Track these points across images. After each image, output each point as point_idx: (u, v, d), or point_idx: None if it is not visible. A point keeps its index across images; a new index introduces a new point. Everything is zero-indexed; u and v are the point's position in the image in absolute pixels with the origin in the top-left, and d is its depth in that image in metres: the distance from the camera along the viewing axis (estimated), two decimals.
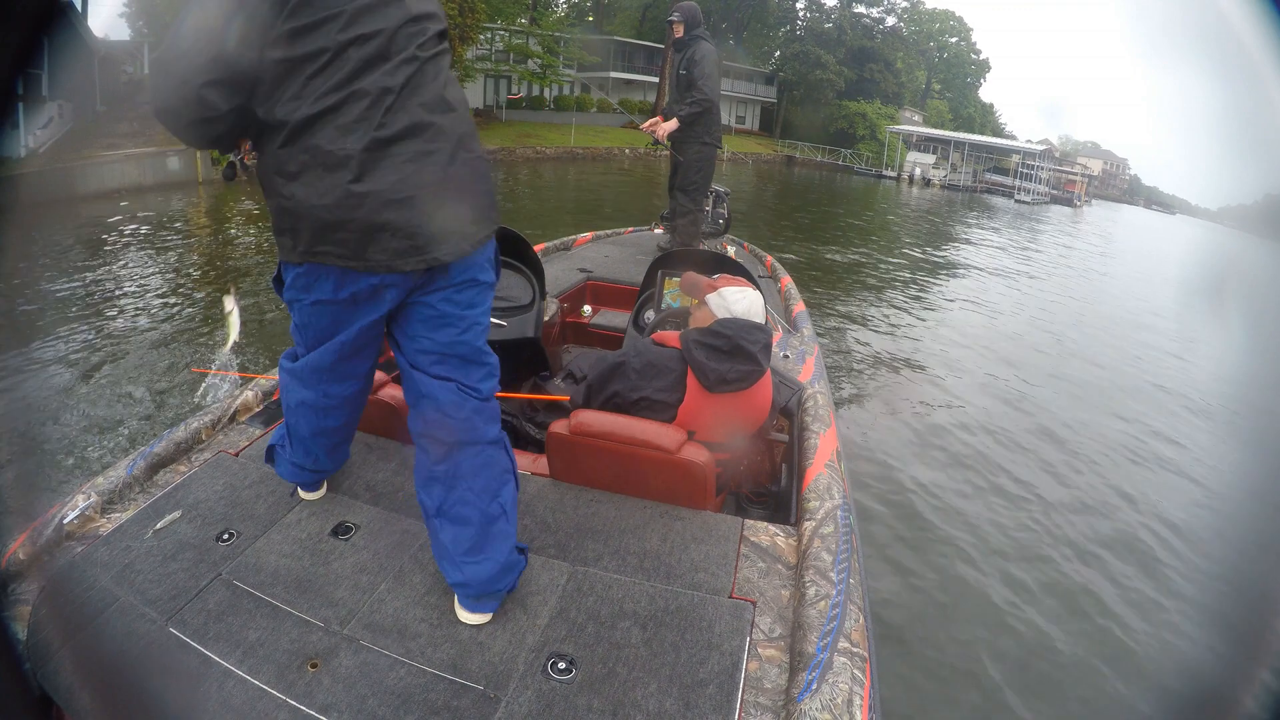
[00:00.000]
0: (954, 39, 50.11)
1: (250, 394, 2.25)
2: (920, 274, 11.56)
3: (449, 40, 1.48)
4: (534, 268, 3.00)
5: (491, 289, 1.50)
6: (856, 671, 1.26)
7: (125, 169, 12.62)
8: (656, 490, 1.81)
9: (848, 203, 24.37)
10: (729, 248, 4.95)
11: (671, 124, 4.45)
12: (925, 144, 41.43)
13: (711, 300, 2.01)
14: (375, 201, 1.28)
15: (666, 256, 3.19)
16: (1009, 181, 40.61)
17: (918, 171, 39.14)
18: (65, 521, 1.62)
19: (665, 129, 4.46)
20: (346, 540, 1.64)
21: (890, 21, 46.00)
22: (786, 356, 2.76)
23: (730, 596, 1.51)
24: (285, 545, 1.61)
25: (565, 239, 4.91)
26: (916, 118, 45.83)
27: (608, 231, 5.51)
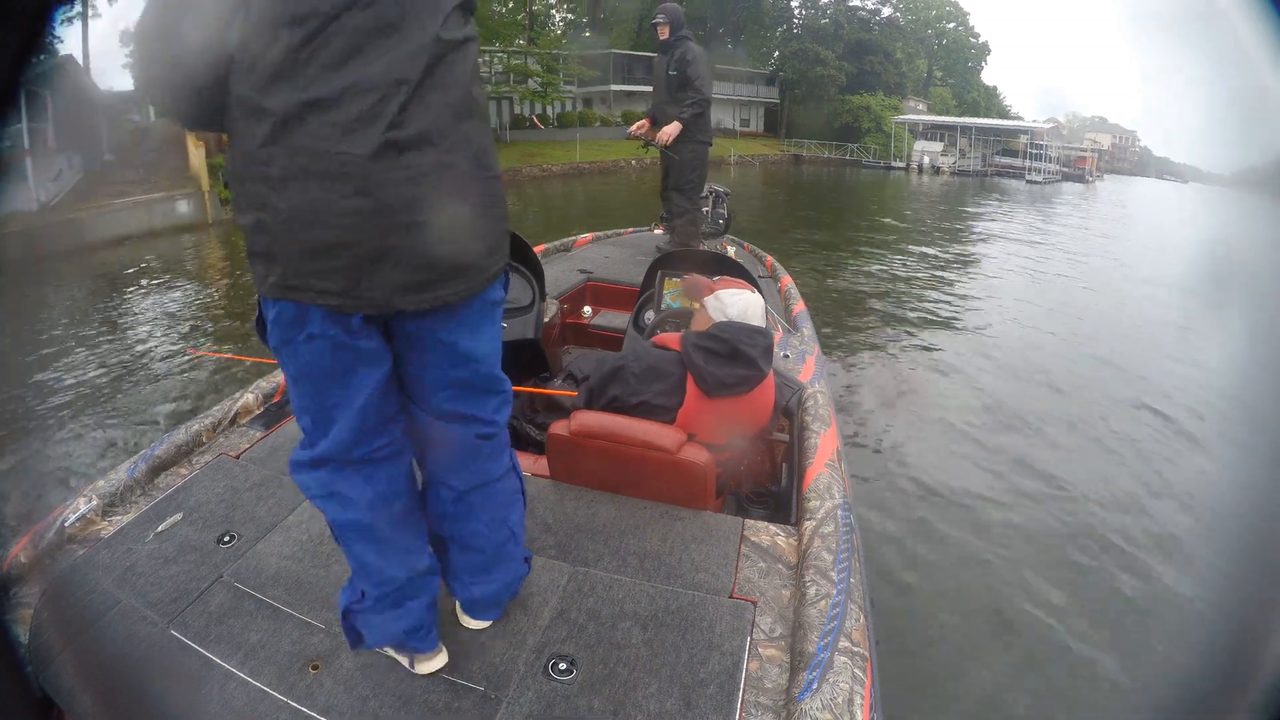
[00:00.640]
0: (951, 24, 49.76)
1: (250, 396, 2.28)
2: (932, 269, 11.43)
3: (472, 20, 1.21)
4: (534, 269, 3.01)
5: (501, 305, 1.31)
6: (857, 671, 1.25)
7: (135, 215, 12.74)
8: (657, 491, 1.82)
9: (859, 199, 24.13)
10: (729, 248, 4.93)
11: (674, 127, 4.39)
12: (932, 132, 41.13)
13: (709, 303, 2.00)
14: (381, 223, 1.05)
15: (666, 257, 3.17)
16: (1019, 163, 39.94)
17: (926, 160, 38.78)
18: (67, 525, 1.64)
19: (669, 133, 4.39)
20: None
21: (886, 12, 45.70)
22: (786, 356, 2.76)
23: (731, 596, 1.51)
24: (286, 547, 1.62)
25: (565, 240, 4.91)
26: (921, 106, 45.48)
27: (607, 232, 5.51)
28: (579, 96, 34.17)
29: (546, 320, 3.07)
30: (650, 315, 2.99)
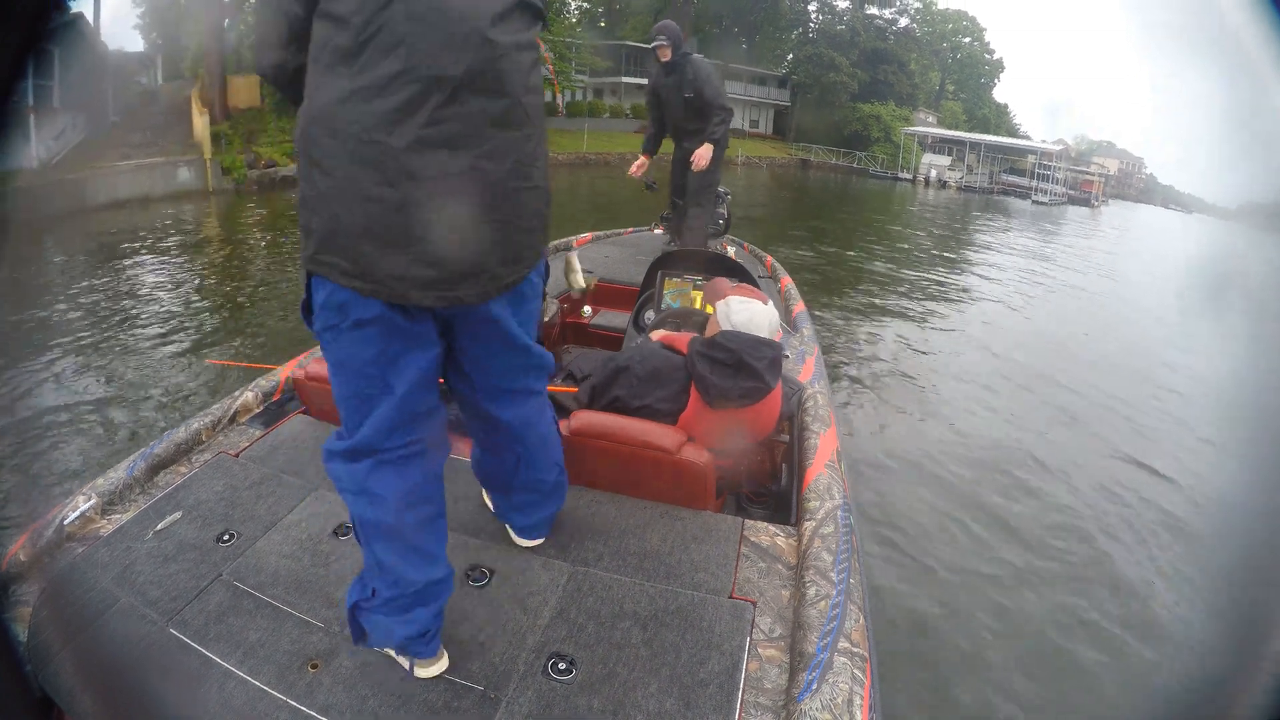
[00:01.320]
0: (967, 39, 49.68)
1: (250, 395, 2.27)
2: (937, 278, 11.46)
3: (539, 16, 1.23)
4: None
5: (540, 288, 1.41)
6: (857, 671, 1.25)
7: (136, 179, 12.66)
8: (657, 491, 1.82)
9: (866, 209, 24.05)
10: (729, 248, 4.91)
11: (707, 150, 4.19)
12: (940, 145, 41.04)
13: (719, 308, 1.99)
14: (402, 216, 1.09)
15: (666, 256, 3.16)
16: (1026, 182, 39.95)
17: (933, 173, 38.73)
18: (66, 523, 1.64)
19: (704, 156, 4.19)
20: (347, 540, 1.64)
21: (903, 22, 45.62)
22: (786, 356, 2.77)
23: (730, 597, 1.51)
24: (286, 546, 1.62)
25: (565, 239, 4.90)
26: (931, 119, 45.44)
27: (607, 232, 5.51)
28: (589, 86, 34.03)
29: (546, 320, 3.05)
30: (650, 315, 2.99)
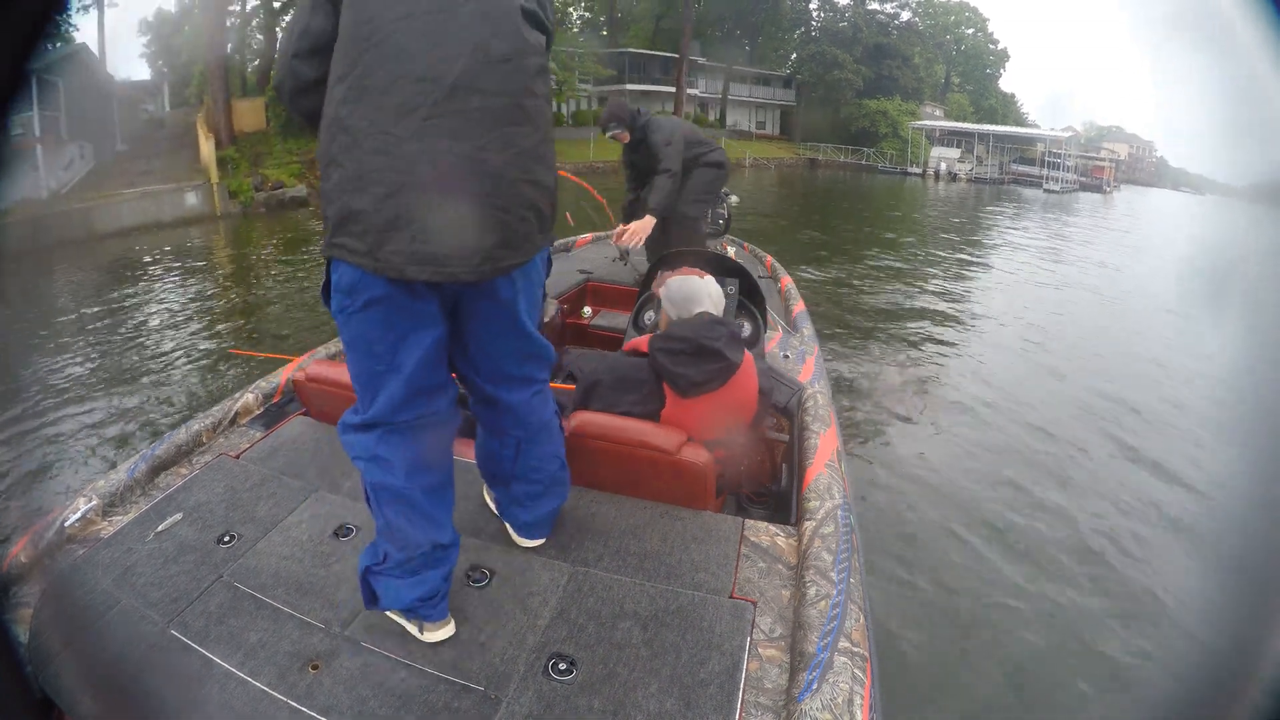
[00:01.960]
0: (970, 30, 49.40)
1: (250, 396, 2.28)
2: (947, 272, 11.37)
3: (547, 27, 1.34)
4: None
5: (543, 277, 1.49)
6: (857, 671, 1.24)
7: (144, 206, 12.73)
8: (656, 491, 1.81)
9: (877, 205, 23.86)
10: (729, 248, 4.87)
11: (642, 225, 3.63)
12: (949, 138, 40.81)
13: (661, 294, 1.97)
14: (404, 196, 1.16)
15: (666, 257, 3.14)
16: (1036, 171, 39.56)
17: (943, 166, 38.48)
18: (67, 525, 1.65)
19: (637, 233, 3.61)
20: (347, 541, 1.64)
21: (905, 16, 45.41)
22: (786, 356, 2.75)
23: (730, 596, 1.50)
24: (286, 547, 1.62)
25: (565, 240, 4.91)
26: (938, 112, 45.17)
27: (608, 233, 5.44)
28: (594, 95, 34.11)
29: (546, 320, 3.05)
30: (650, 315, 2.98)
